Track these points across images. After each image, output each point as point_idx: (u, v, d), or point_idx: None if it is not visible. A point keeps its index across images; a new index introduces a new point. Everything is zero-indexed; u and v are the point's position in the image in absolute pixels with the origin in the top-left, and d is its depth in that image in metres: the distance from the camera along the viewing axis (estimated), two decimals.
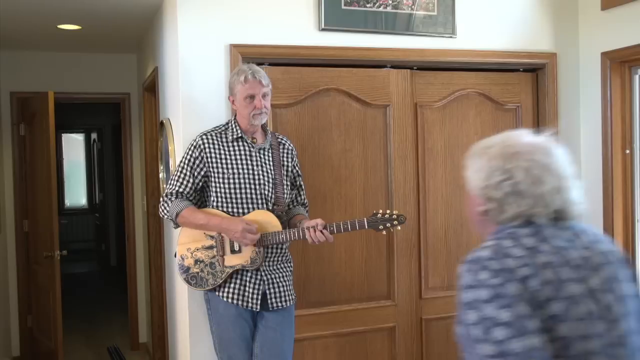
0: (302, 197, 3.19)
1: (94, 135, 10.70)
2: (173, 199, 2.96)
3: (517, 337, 1.26)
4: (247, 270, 2.92)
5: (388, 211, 3.10)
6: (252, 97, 2.90)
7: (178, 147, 3.45)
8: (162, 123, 3.91)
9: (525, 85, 3.99)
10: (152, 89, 4.54)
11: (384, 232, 3.09)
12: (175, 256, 3.08)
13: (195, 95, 3.32)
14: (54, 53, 5.42)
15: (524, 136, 1.52)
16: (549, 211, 1.43)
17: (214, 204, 2.95)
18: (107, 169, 9.89)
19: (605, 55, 3.80)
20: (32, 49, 5.29)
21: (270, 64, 3.36)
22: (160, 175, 4.07)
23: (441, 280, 3.83)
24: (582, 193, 1.49)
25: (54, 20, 4.34)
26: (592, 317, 1.33)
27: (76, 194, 11.54)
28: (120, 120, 5.84)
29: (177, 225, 3.00)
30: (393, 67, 3.69)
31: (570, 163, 1.52)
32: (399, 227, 3.11)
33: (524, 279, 1.31)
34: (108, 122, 9.42)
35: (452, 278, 3.86)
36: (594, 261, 1.41)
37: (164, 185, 3.92)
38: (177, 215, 2.90)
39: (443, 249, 3.82)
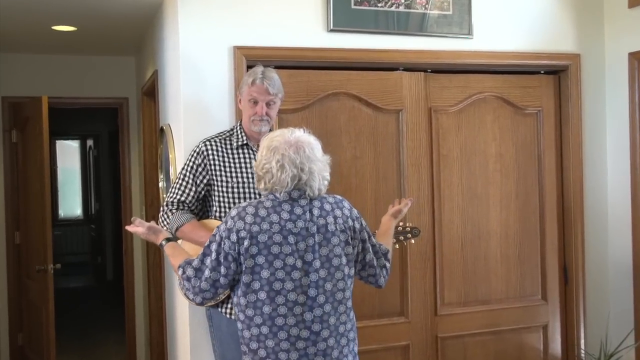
0: None
1: (90, 142, 10.76)
2: (174, 209, 2.98)
3: (210, 270, 2.30)
4: None
5: (401, 224, 3.12)
6: (255, 101, 2.94)
7: (179, 155, 3.48)
8: (162, 129, 3.94)
9: (546, 88, 3.99)
10: (151, 93, 4.57)
11: (397, 246, 3.11)
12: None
13: (197, 99, 3.34)
14: (48, 56, 5.47)
15: (291, 134, 2.33)
16: (286, 190, 2.29)
17: (217, 214, 2.98)
18: (103, 177, 9.94)
19: (632, 55, 3.80)
20: (25, 52, 5.34)
21: (276, 67, 3.38)
22: (160, 184, 4.09)
23: (458, 296, 3.83)
24: (325, 182, 2.36)
25: (48, 21, 4.38)
26: (292, 268, 2.26)
27: (71, 204, 11.60)
28: (117, 126, 5.87)
29: (177, 238, 3.02)
30: (406, 69, 3.71)
31: (320, 160, 2.33)
32: (412, 241, 3.14)
33: (241, 238, 2.26)
34: (105, 128, 9.47)
35: (469, 293, 3.86)
36: (309, 230, 2.29)
37: (164, 195, 3.95)
38: (177, 229, 2.92)
39: (460, 262, 3.82)
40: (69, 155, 11.35)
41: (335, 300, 2.33)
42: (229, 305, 2.88)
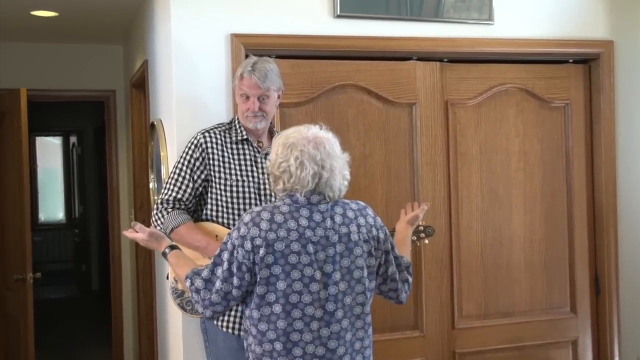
0: None
1: (73, 139, 10.78)
2: (169, 208, 2.94)
3: (221, 281, 2.29)
4: None
5: None
6: (247, 96, 2.93)
7: (171, 153, 3.48)
8: (152, 125, 3.93)
9: (575, 79, 3.99)
10: (141, 85, 4.58)
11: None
12: (167, 278, 3.09)
13: (191, 93, 3.34)
14: (26, 44, 5.46)
15: (308, 130, 2.31)
16: (306, 190, 2.26)
17: (212, 213, 2.96)
18: (88, 178, 9.96)
19: None
20: (1, 39, 5.33)
21: (277, 57, 3.36)
22: (151, 185, 4.09)
23: (477, 307, 3.83)
24: (345, 182, 2.35)
25: (26, 6, 4.38)
26: (310, 280, 2.23)
27: (52, 207, 11.63)
28: (103, 122, 5.88)
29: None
30: (420, 59, 3.71)
31: (340, 157, 2.32)
32: (426, 241, 3.15)
33: (256, 246, 2.23)
34: (90, 124, 9.49)
35: (490, 305, 3.85)
36: (329, 239, 2.27)
37: (155, 197, 3.94)
38: (171, 230, 2.90)
39: (479, 271, 3.82)
40: (50, 153, 11.38)
41: (353, 315, 2.32)
42: (226, 318, 2.87)
